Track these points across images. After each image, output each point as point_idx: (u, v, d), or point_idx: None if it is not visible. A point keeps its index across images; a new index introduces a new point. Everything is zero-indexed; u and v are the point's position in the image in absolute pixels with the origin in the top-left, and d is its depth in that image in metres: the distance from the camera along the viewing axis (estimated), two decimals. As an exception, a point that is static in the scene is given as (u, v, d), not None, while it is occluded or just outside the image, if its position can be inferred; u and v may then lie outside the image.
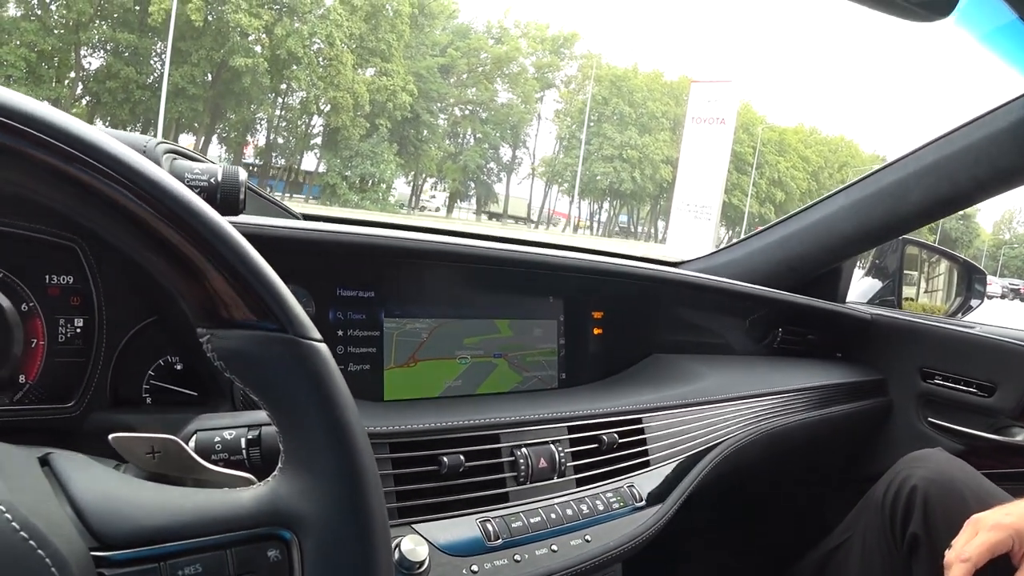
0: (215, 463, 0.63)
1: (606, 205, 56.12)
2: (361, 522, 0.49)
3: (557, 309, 1.29)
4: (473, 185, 48.11)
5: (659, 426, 1.19)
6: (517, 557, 0.91)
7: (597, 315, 1.35)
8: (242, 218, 0.93)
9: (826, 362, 1.81)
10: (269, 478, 0.50)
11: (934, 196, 1.67)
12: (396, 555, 0.80)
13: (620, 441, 1.10)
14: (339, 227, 1.07)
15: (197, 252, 0.47)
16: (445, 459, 0.91)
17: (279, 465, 0.50)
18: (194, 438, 0.65)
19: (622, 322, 1.38)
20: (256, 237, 0.93)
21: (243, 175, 0.81)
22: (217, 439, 0.64)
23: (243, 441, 0.64)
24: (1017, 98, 1.51)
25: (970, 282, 2.30)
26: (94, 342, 0.84)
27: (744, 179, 49.48)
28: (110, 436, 0.55)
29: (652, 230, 56.99)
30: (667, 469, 1.16)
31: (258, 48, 32.04)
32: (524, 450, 0.99)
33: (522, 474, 0.98)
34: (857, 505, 1.43)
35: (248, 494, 0.49)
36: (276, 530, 0.48)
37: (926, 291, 2.40)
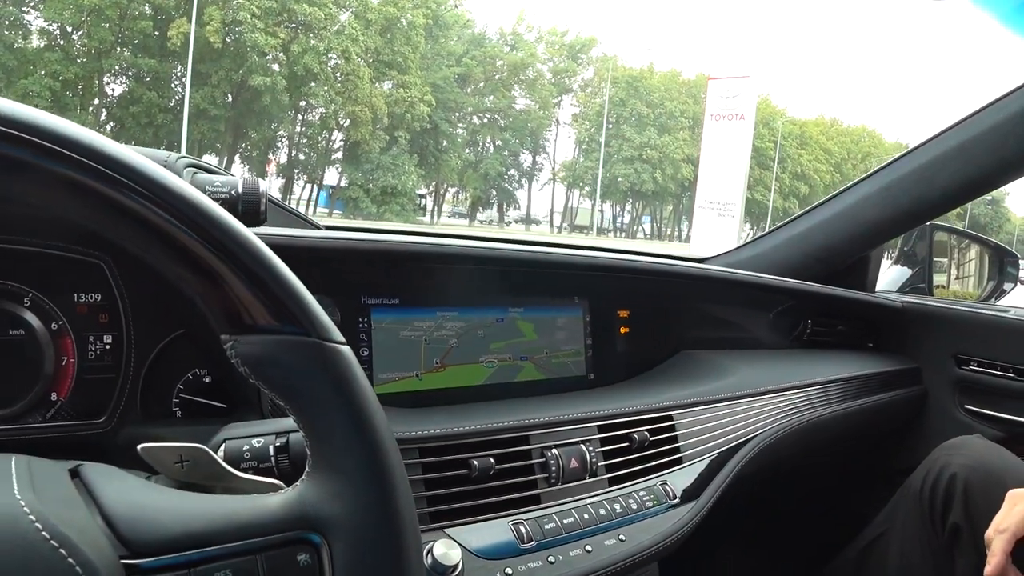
0: (245, 471, 0.64)
1: (628, 207, 55.95)
2: (390, 524, 0.49)
3: (582, 309, 1.28)
4: (495, 192, 48.19)
5: (690, 423, 1.18)
6: (551, 558, 0.90)
7: (623, 314, 1.34)
8: (264, 229, 0.94)
9: (858, 352, 1.79)
10: (297, 483, 0.50)
11: (960, 180, 1.65)
12: (429, 560, 0.80)
13: (651, 439, 1.10)
14: (361, 235, 1.08)
15: (218, 259, 0.47)
16: (475, 462, 0.90)
17: (307, 469, 0.50)
18: (223, 447, 0.65)
19: (649, 320, 1.38)
20: (278, 247, 0.94)
21: (263, 186, 0.82)
22: (246, 447, 0.65)
23: (271, 448, 0.64)
24: (1037, 78, 1.49)
25: (1002, 265, 2.26)
26: (123, 358, 0.85)
27: (766, 174, 49.09)
28: (139, 447, 0.56)
29: (675, 230, 56.72)
30: (700, 466, 1.15)
31: (276, 67, 32.33)
32: (554, 451, 0.99)
33: (553, 475, 0.97)
34: (894, 496, 1.41)
35: (276, 499, 0.49)
36: (305, 534, 0.48)
37: (957, 277, 2.37)
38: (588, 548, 0.94)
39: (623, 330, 1.34)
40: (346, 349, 0.51)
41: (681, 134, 45.52)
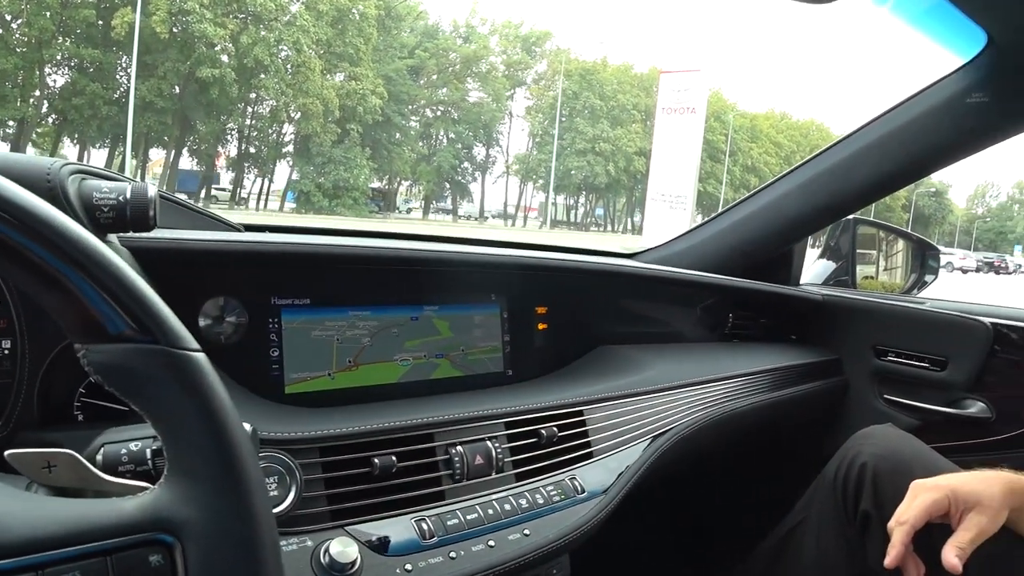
0: (123, 474, 0.64)
1: (582, 199, 56.22)
2: (243, 524, 0.50)
3: (499, 306, 1.29)
4: (448, 186, 48.04)
5: (602, 417, 1.19)
6: (452, 554, 0.91)
7: (541, 310, 1.36)
8: (174, 233, 0.93)
9: (780, 345, 1.83)
10: (155, 486, 0.51)
11: (877, 174, 1.69)
12: (326, 559, 0.81)
13: (560, 434, 1.11)
14: (272, 236, 1.07)
15: (64, 269, 0.47)
16: (376, 461, 0.91)
17: (164, 473, 0.50)
18: (101, 451, 0.65)
19: (568, 316, 1.39)
20: (187, 252, 0.94)
21: (152, 191, 0.81)
22: (124, 451, 0.65)
23: (148, 452, 0.65)
24: (948, 75, 1.54)
25: (924, 258, 2.32)
26: (18, 363, 0.83)
27: (718, 167, 49.71)
28: (5, 453, 0.55)
29: (629, 222, 57.12)
30: (611, 460, 1.16)
31: (225, 58, 31.80)
32: (459, 448, 0.99)
33: (458, 472, 0.98)
34: (811, 485, 1.44)
35: (132, 502, 0.49)
36: (158, 535, 0.48)
37: (882, 270, 2.43)
38: (491, 543, 0.95)
39: (541, 327, 1.36)
40: (198, 356, 0.51)
41: (634, 127, 45.86)
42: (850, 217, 2.11)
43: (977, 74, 1.48)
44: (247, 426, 0.66)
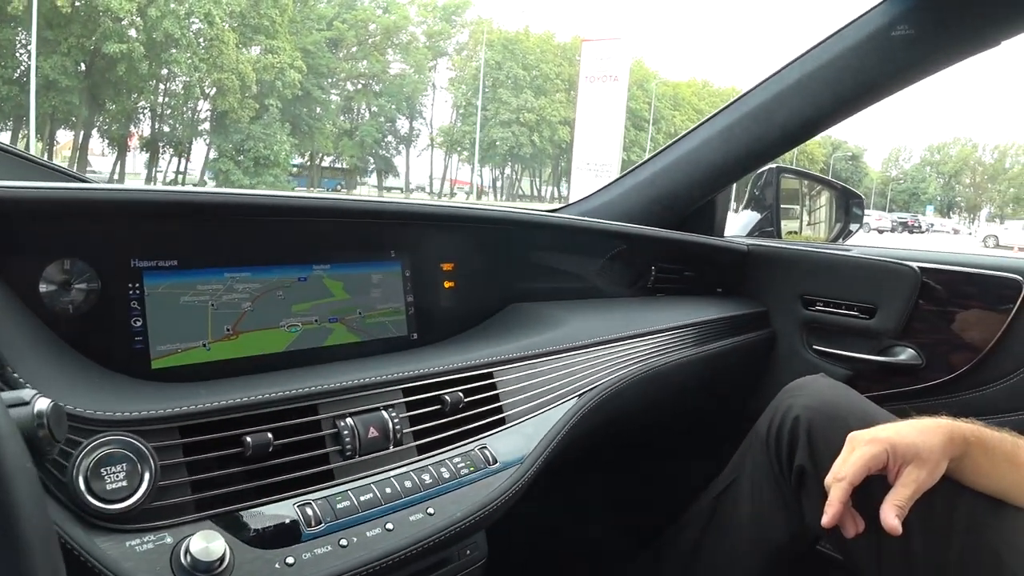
0: None
1: (508, 170, 56.06)
2: None
3: (401, 264, 1.17)
4: (372, 160, 47.27)
5: (514, 379, 1.09)
6: (343, 541, 0.79)
7: (447, 267, 1.24)
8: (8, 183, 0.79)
9: (705, 298, 1.75)
10: None
11: (799, 117, 1.63)
12: (187, 559, 0.68)
13: (467, 400, 1.00)
14: (125, 186, 0.92)
15: None
16: (248, 439, 0.78)
17: None
18: None
19: (476, 273, 1.28)
20: (16, 203, 0.79)
21: None
22: None
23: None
24: (870, 10, 1.47)
25: (848, 207, 2.30)
26: None
27: (642, 135, 50.11)
28: None
29: (555, 192, 57.24)
30: (526, 426, 1.06)
31: (132, 32, 30.41)
32: (349, 420, 0.87)
33: (348, 447, 0.86)
34: (743, 442, 1.38)
35: None
36: None
37: (807, 221, 2.39)
38: (389, 526, 0.83)
39: (448, 285, 1.24)
40: None
41: (557, 96, 45.81)
42: (773, 166, 2.06)
43: (901, 6, 1.42)
44: (44, 401, 0.54)
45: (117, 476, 0.69)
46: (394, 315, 1.16)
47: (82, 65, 30.69)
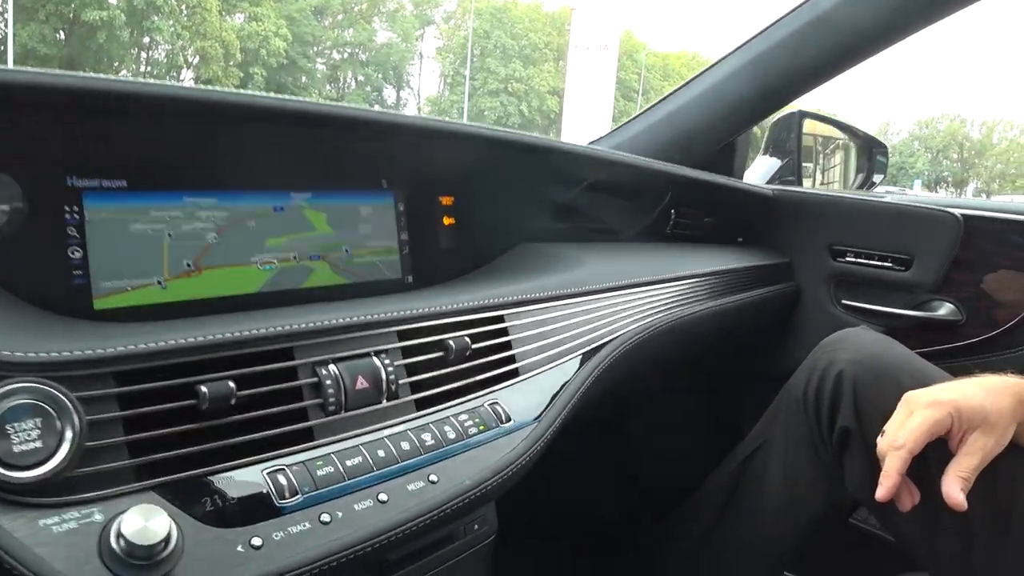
0: None
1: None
2: None
3: (394, 196, 1.00)
4: (360, 131, 46.75)
5: (529, 324, 0.92)
6: (325, 516, 0.63)
7: (447, 201, 1.07)
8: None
9: (726, 247, 1.59)
10: None
11: (836, 44, 1.46)
12: (119, 542, 0.52)
13: (475, 347, 0.83)
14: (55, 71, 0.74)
15: None
16: (204, 389, 0.61)
17: None
18: None
19: (480, 208, 1.11)
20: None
21: None
22: None
23: None
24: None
25: (871, 155, 2.14)
26: None
27: (631, 106, 49.61)
28: None
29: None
30: (544, 379, 0.90)
31: (113, -1, 29.82)
32: (333, 368, 0.71)
33: (332, 401, 0.69)
34: (773, 403, 1.23)
35: None
36: None
37: (827, 169, 2.24)
38: (382, 497, 0.67)
39: (448, 221, 1.07)
40: None
41: (546, 66, 45.27)
42: (795, 110, 1.89)
43: None
44: None
45: (27, 435, 0.52)
46: (386, 254, 0.99)
47: (61, 33, 30.01)
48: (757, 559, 1.23)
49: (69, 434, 0.54)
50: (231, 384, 0.63)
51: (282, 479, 0.63)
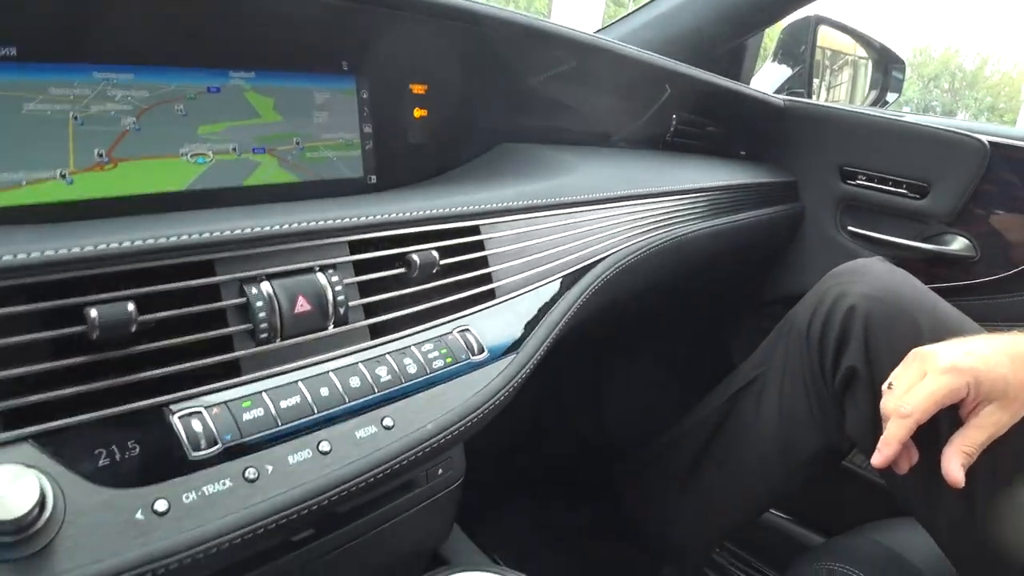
0: None
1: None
2: None
3: (355, 80, 0.85)
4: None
5: (509, 238, 0.78)
6: (251, 472, 0.50)
7: (418, 90, 0.91)
8: None
9: (728, 161, 1.45)
10: None
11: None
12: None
13: (443, 263, 0.69)
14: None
15: None
16: (94, 312, 0.48)
17: None
18: None
19: (456, 99, 0.95)
20: None
21: None
22: None
23: None
24: None
25: (887, 70, 1.98)
26: None
27: (620, 11, 48.55)
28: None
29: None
30: (521, 303, 0.77)
31: None
32: (265, 286, 0.57)
33: (263, 327, 0.56)
34: (772, 334, 1.13)
35: None
36: None
37: (832, 86, 2.09)
38: (324, 446, 0.54)
39: (419, 113, 0.92)
40: None
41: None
42: (810, 14, 1.73)
43: None
44: None
45: None
46: (345, 149, 0.84)
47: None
48: (743, 497, 1.16)
49: None
50: (130, 307, 0.49)
51: (197, 425, 0.50)
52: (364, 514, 0.66)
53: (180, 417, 0.50)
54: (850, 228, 1.48)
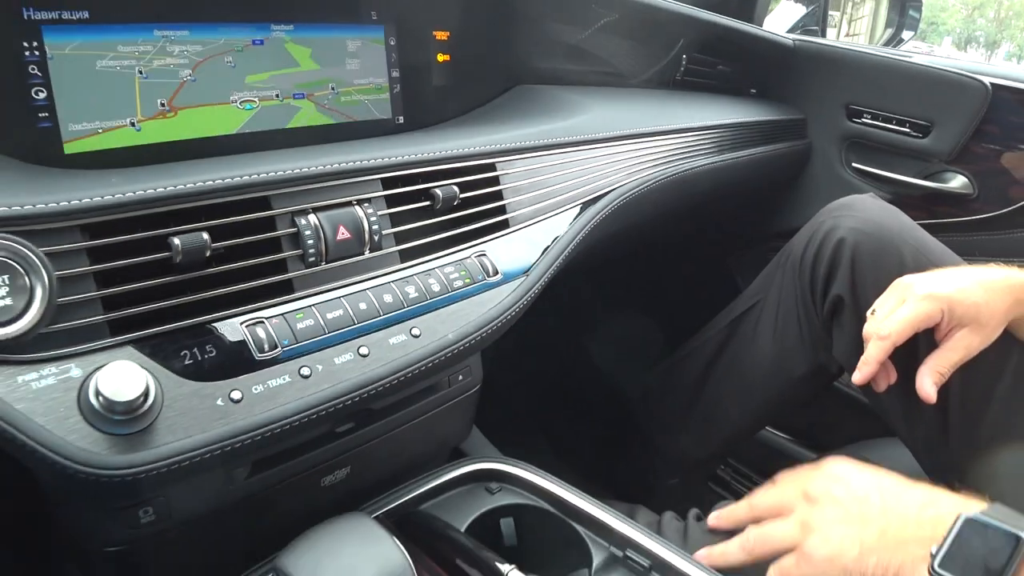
0: None
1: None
2: None
3: (383, 29, 0.93)
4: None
5: (522, 173, 0.88)
6: (305, 370, 0.62)
7: (441, 36, 1.00)
8: None
9: (739, 99, 1.52)
10: None
11: None
12: (97, 400, 0.51)
13: (463, 196, 0.80)
14: None
15: None
16: (176, 241, 0.59)
17: None
18: None
19: (477, 44, 1.04)
20: None
21: None
22: None
23: None
24: None
25: (903, 8, 1.99)
26: None
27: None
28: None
29: None
30: (533, 231, 0.87)
31: None
32: (312, 217, 0.67)
33: (311, 252, 0.67)
34: (770, 263, 1.22)
35: None
36: None
37: (854, 20, 2.10)
38: (363, 351, 0.66)
39: (442, 58, 1.00)
40: None
41: None
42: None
43: None
44: None
45: (-5, 294, 0.50)
46: (375, 93, 0.94)
47: None
48: (742, 411, 1.25)
49: (39, 291, 0.51)
50: (205, 236, 0.60)
51: (261, 332, 0.62)
52: (395, 411, 0.78)
53: (247, 326, 0.62)
54: (854, 165, 1.54)
